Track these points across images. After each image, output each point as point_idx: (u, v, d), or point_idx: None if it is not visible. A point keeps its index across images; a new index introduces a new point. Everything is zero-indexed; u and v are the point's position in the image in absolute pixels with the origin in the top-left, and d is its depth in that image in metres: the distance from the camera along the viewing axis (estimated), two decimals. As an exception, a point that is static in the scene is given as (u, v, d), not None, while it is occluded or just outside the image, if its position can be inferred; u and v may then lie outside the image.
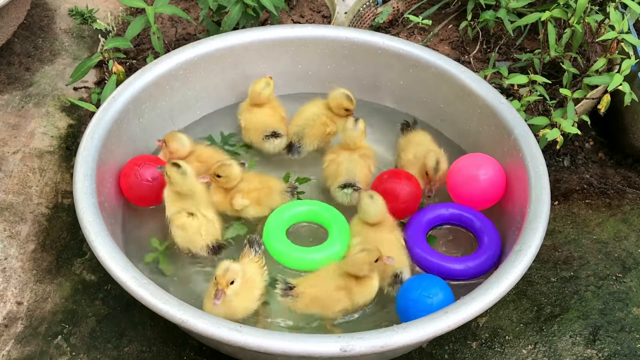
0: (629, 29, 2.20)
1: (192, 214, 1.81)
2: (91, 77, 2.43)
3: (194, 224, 1.80)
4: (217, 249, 1.82)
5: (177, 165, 1.80)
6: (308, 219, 1.93)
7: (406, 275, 1.76)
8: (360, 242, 1.78)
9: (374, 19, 2.64)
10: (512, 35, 2.42)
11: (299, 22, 2.64)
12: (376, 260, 1.69)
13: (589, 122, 2.18)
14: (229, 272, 1.63)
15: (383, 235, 1.80)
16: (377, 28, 2.61)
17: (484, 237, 1.85)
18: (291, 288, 1.72)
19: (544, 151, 1.97)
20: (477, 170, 1.91)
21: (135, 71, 2.08)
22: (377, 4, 2.66)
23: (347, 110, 2.07)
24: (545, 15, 2.17)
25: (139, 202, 1.94)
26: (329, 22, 2.58)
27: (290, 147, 2.07)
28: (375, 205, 1.80)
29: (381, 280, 1.75)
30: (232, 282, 1.62)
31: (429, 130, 2.11)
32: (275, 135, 2.06)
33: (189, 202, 1.82)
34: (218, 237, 1.83)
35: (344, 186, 1.92)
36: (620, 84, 2.07)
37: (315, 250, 1.84)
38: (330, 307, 1.70)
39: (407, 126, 2.12)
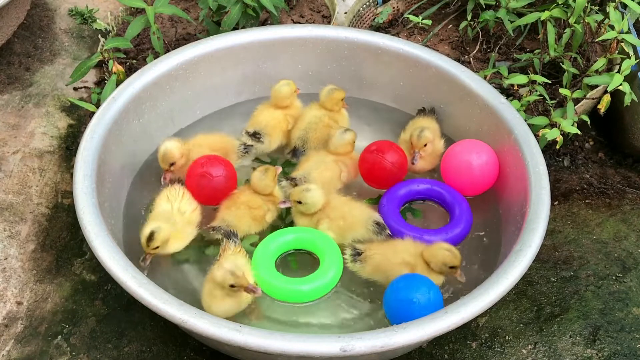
0: (629, 28, 2.20)
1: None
2: (91, 77, 2.43)
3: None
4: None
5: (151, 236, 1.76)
6: (297, 247, 1.86)
7: (381, 219, 1.84)
8: (328, 224, 1.83)
9: (374, 19, 2.64)
10: (512, 35, 2.42)
11: (299, 22, 2.64)
12: (451, 267, 1.71)
13: (588, 122, 2.18)
14: (236, 271, 1.63)
15: (335, 204, 1.85)
16: (377, 28, 2.61)
17: (455, 210, 1.90)
18: (359, 253, 1.76)
19: (544, 151, 1.97)
20: (469, 155, 1.94)
21: (135, 71, 2.09)
22: (377, 4, 2.66)
23: (342, 99, 2.10)
24: (544, 15, 2.17)
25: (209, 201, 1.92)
26: (329, 22, 2.58)
27: (294, 152, 2.07)
28: (317, 192, 1.83)
29: (367, 233, 1.83)
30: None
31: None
32: (254, 135, 2.05)
33: None
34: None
35: (287, 178, 1.93)
36: (620, 84, 2.07)
37: (306, 281, 1.76)
38: (392, 279, 1.72)
39: (423, 111, 2.13)
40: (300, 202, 1.83)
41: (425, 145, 1.99)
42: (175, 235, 1.79)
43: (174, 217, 1.81)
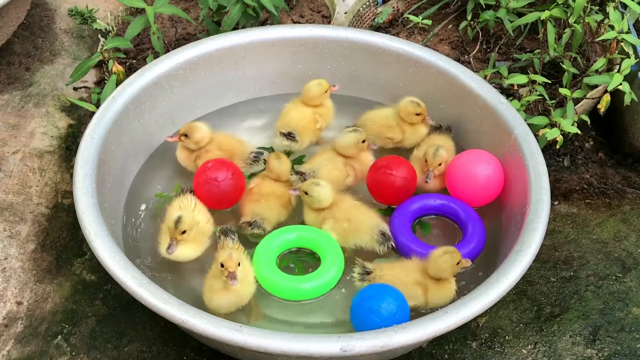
0: (628, 28, 2.20)
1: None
2: (91, 77, 2.43)
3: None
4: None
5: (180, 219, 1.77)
6: (299, 246, 1.87)
7: (388, 230, 1.82)
8: (332, 224, 1.82)
9: (374, 19, 2.64)
10: (512, 35, 2.42)
11: (299, 22, 2.64)
12: (457, 263, 1.70)
13: (588, 122, 2.18)
14: (233, 255, 1.65)
15: (345, 206, 1.85)
16: (377, 28, 2.61)
17: (469, 227, 1.88)
18: (368, 273, 1.74)
19: (543, 151, 1.97)
20: (475, 167, 1.92)
21: (135, 71, 2.08)
22: (377, 4, 2.66)
23: (418, 114, 2.06)
24: (544, 15, 2.17)
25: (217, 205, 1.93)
26: (329, 22, 2.58)
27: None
28: (325, 189, 1.82)
29: (370, 241, 1.81)
30: (238, 264, 1.65)
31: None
32: (289, 135, 2.06)
33: None
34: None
35: (296, 172, 1.93)
36: (620, 84, 2.07)
37: (307, 279, 1.77)
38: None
39: (438, 129, 2.10)
40: (307, 194, 1.84)
41: (440, 164, 1.95)
42: (190, 242, 1.79)
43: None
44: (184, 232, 1.74)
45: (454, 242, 1.89)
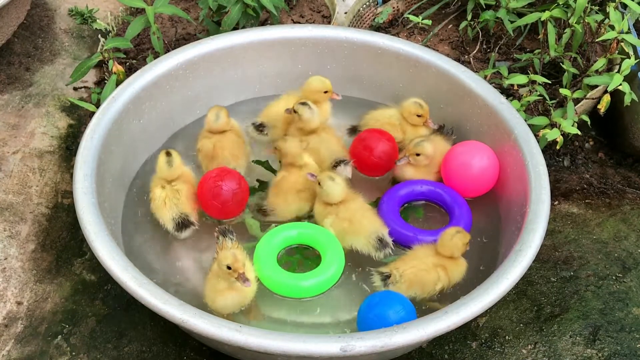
0: (629, 29, 2.20)
1: (163, 187, 1.87)
2: (91, 77, 2.43)
3: (161, 195, 1.86)
4: (181, 225, 1.83)
5: (168, 154, 1.86)
6: (300, 242, 1.87)
7: (387, 237, 1.81)
8: (333, 220, 1.83)
9: (374, 19, 2.64)
10: (512, 35, 2.42)
11: (299, 22, 2.64)
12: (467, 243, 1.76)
13: (589, 122, 2.18)
14: (237, 255, 1.65)
15: (352, 206, 1.85)
16: (377, 28, 2.62)
17: (455, 211, 1.91)
18: (388, 276, 1.74)
19: (544, 151, 1.97)
20: (470, 158, 1.95)
21: (135, 71, 2.09)
22: (377, 4, 2.66)
23: (419, 116, 2.07)
24: (545, 15, 2.17)
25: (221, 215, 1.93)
26: (329, 22, 2.58)
27: (352, 130, 2.13)
28: (337, 187, 1.83)
29: (366, 245, 1.81)
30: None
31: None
32: (259, 127, 2.08)
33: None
34: (183, 211, 1.85)
35: (337, 163, 1.93)
36: (620, 84, 2.07)
37: (307, 277, 1.77)
38: (431, 286, 1.75)
39: (439, 129, 2.10)
40: (319, 184, 1.85)
41: (418, 154, 1.97)
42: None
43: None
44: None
45: (440, 226, 1.91)
